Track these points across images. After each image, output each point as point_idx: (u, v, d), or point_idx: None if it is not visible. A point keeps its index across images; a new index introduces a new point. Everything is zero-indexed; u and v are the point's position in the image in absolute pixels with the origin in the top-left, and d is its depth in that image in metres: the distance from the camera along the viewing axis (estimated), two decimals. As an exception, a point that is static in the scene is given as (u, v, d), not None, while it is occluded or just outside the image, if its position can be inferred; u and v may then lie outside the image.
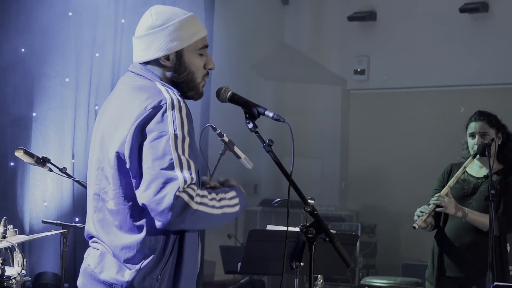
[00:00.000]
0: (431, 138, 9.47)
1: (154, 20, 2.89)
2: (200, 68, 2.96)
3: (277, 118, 2.96)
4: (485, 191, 4.94)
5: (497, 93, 9.17)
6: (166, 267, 2.80)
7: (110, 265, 2.80)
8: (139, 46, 2.94)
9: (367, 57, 10.09)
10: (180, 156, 2.70)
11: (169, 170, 2.67)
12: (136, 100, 2.78)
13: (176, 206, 2.64)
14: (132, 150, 2.73)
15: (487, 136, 5.03)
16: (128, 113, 2.76)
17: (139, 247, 2.77)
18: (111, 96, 2.99)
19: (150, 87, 2.84)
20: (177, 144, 2.70)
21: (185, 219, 2.67)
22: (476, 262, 4.96)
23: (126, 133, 2.74)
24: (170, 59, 2.90)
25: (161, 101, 2.75)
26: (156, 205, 2.66)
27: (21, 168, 7.05)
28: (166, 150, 2.69)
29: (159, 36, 2.88)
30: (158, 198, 2.65)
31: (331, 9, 10.37)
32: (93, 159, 2.92)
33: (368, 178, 10.03)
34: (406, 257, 9.30)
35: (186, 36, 2.90)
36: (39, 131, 7.23)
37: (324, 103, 10.41)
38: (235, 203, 2.86)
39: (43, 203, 7.19)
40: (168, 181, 2.66)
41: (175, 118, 2.73)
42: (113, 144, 2.78)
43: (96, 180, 2.87)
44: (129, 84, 2.91)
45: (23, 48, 7.09)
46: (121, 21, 7.74)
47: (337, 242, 2.85)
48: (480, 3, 9.20)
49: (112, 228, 2.81)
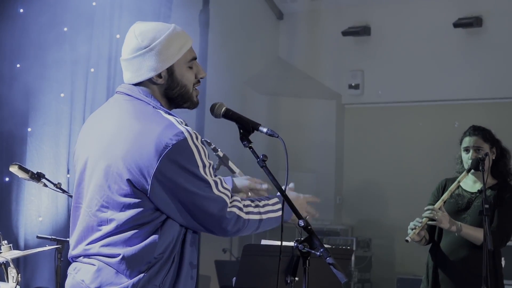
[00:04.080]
0: (425, 152, 9.48)
1: (140, 42, 2.90)
2: (192, 80, 2.99)
3: (271, 133, 2.99)
4: (479, 205, 4.95)
5: (491, 107, 9.20)
6: (167, 277, 2.84)
7: (111, 280, 2.81)
8: (128, 68, 2.95)
9: (361, 72, 10.12)
10: (214, 180, 2.85)
11: (212, 195, 2.83)
12: (148, 133, 2.79)
13: (231, 221, 2.87)
14: (160, 187, 2.78)
15: (481, 151, 5.04)
16: (143, 148, 2.77)
17: (145, 257, 2.80)
18: (103, 118, 2.97)
19: (156, 116, 2.85)
20: (206, 172, 2.84)
21: (241, 229, 2.91)
22: (471, 277, 4.96)
23: (149, 171, 2.76)
24: (162, 76, 2.93)
25: (178, 135, 2.79)
26: (215, 227, 2.87)
27: (16, 183, 7.03)
28: (203, 180, 2.82)
29: (148, 57, 2.90)
30: (216, 221, 2.85)
31: (325, 24, 10.40)
32: (92, 184, 2.90)
33: (363, 192, 10.04)
34: (401, 271, 9.29)
35: (174, 52, 2.92)
36: (34, 146, 7.22)
37: (319, 118, 10.42)
38: (278, 208, 3.01)
39: (38, 218, 7.17)
40: (217, 204, 2.84)
41: (198, 149, 2.83)
42: (127, 178, 2.79)
43: (101, 208, 2.86)
44: (126, 108, 2.90)
45: (18, 64, 7.09)
46: (116, 37, 7.75)
47: (330, 257, 2.85)
48: (474, 18, 9.24)
49: (118, 243, 2.82)
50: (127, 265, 2.80)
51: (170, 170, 2.76)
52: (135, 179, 2.78)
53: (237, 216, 2.88)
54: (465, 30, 9.36)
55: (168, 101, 2.96)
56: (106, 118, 2.95)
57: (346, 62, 10.22)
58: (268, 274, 3.95)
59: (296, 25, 10.65)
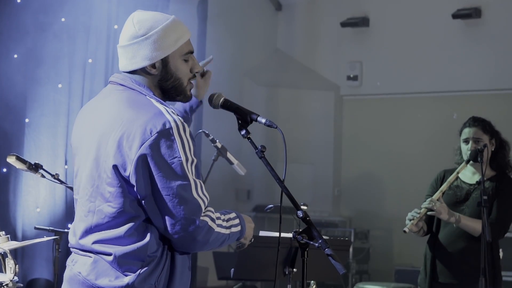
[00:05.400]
0: (424, 144, 9.48)
1: (137, 30, 2.89)
2: (187, 73, 2.97)
3: (269, 124, 2.98)
4: (478, 197, 4.95)
5: (490, 99, 9.19)
6: (162, 275, 2.82)
7: (106, 273, 2.80)
8: (124, 56, 2.94)
9: (360, 63, 10.10)
10: (195, 180, 2.75)
11: (188, 195, 2.73)
12: (136, 120, 2.77)
13: (202, 230, 2.76)
14: (140, 174, 2.73)
15: (480, 142, 5.03)
16: (130, 134, 2.75)
17: (140, 254, 2.78)
18: (96, 108, 2.96)
19: (147, 105, 2.83)
20: (188, 167, 2.74)
21: (209, 241, 2.79)
22: (469, 268, 4.96)
23: (131, 157, 2.73)
24: (156, 66, 2.91)
25: (165, 123, 2.74)
26: (181, 230, 2.73)
27: (13, 174, 7.02)
28: (182, 175, 2.73)
29: (143, 45, 2.88)
30: (184, 224, 2.72)
31: (324, 15, 10.39)
32: (84, 174, 2.90)
33: (361, 184, 10.04)
34: (399, 262, 9.30)
35: (170, 43, 2.90)
36: (32, 137, 7.21)
37: (317, 109, 10.42)
38: (238, 223, 2.94)
39: (36, 209, 7.17)
40: (191, 206, 2.73)
41: (183, 141, 2.75)
42: (113, 164, 2.77)
43: (90, 198, 2.86)
44: (120, 98, 2.89)
45: (15, 54, 7.08)
46: (114, 27, 7.73)
47: (329, 248, 2.84)
48: (472, 9, 9.22)
49: (109, 240, 2.81)
50: (119, 264, 2.79)
51: (150, 157, 2.72)
52: (119, 165, 2.76)
53: (208, 227, 2.78)
54: (464, 21, 9.35)
55: (162, 92, 2.95)
56: (98, 110, 2.94)
57: (344, 53, 10.21)
58: (266, 265, 3.96)
59: (295, 16, 10.64)
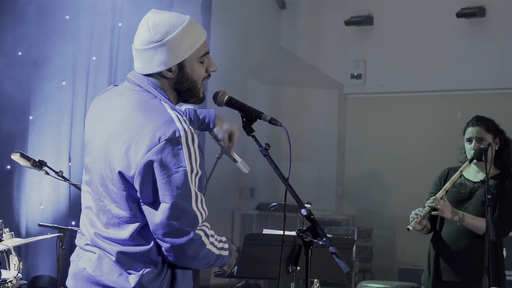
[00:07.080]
0: (427, 143, 9.47)
1: (153, 35, 2.84)
2: (202, 74, 2.94)
3: (273, 122, 2.97)
4: (482, 195, 4.94)
5: (494, 98, 9.18)
6: (165, 279, 2.83)
7: (110, 269, 2.81)
8: (139, 59, 2.91)
9: (363, 62, 10.10)
10: (196, 192, 2.74)
11: (188, 206, 2.71)
12: (146, 125, 2.75)
13: (195, 243, 2.73)
14: (144, 179, 2.72)
15: (484, 141, 5.02)
16: (139, 139, 2.74)
17: (142, 257, 2.79)
18: (111, 105, 2.93)
19: (160, 111, 2.80)
20: (192, 179, 2.73)
21: (198, 255, 2.76)
22: (473, 267, 4.95)
23: (137, 161, 2.72)
24: (172, 70, 2.88)
25: (174, 132, 2.72)
26: (175, 240, 2.71)
27: (17, 171, 7.04)
28: (185, 186, 2.71)
29: (159, 51, 2.84)
30: (178, 234, 2.71)
31: (328, 13, 10.38)
32: (95, 171, 2.89)
33: (365, 183, 10.03)
34: (402, 261, 9.30)
35: (187, 48, 2.87)
36: (36, 135, 7.22)
37: (321, 107, 10.41)
38: (227, 248, 2.91)
39: (40, 207, 7.18)
40: (188, 217, 2.72)
41: (190, 152, 2.73)
42: (120, 167, 2.77)
43: (100, 196, 2.86)
44: (134, 100, 2.87)
45: (20, 52, 7.09)
46: (118, 25, 7.74)
47: (333, 246, 2.84)
48: (477, 8, 9.22)
49: (115, 240, 2.82)
50: (122, 263, 2.79)
51: (155, 163, 2.71)
52: (125, 168, 2.75)
53: (201, 241, 2.75)
54: (468, 20, 9.34)
55: (177, 94, 2.93)
56: (112, 107, 2.92)
57: (348, 51, 10.21)
58: (270, 263, 3.95)
59: (298, 14, 10.63)
